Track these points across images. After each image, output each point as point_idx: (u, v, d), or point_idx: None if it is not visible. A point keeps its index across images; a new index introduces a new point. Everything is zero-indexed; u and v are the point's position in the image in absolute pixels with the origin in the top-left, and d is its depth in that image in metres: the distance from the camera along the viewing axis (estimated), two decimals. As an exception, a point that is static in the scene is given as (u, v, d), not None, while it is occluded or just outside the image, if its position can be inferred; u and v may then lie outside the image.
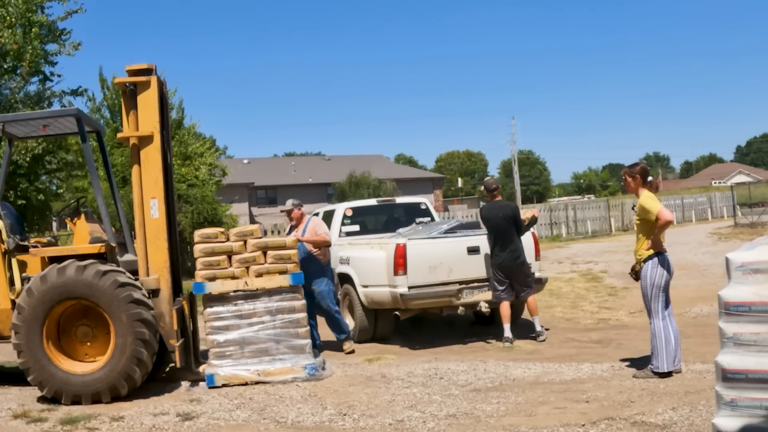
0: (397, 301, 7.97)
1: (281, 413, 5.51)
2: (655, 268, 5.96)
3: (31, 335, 6.13)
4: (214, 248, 6.68)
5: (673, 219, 6.08)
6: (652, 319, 6.03)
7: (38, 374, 6.15)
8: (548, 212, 29.55)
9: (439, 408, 5.40)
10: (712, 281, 11.56)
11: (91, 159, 7.04)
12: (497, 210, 8.10)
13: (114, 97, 22.14)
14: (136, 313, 6.11)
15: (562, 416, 5.00)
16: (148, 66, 6.50)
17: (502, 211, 8.09)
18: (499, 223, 7.99)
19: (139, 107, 6.50)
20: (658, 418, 4.77)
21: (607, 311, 10.09)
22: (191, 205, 19.69)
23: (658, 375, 5.91)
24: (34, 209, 14.81)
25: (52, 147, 14.63)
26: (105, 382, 6.11)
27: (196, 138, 24.67)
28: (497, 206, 8.18)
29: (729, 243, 17.67)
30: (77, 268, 6.15)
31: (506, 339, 7.95)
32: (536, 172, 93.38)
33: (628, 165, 6.26)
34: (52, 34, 14.83)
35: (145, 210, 6.48)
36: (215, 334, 6.62)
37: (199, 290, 6.66)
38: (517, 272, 8.03)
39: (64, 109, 10.71)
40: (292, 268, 6.74)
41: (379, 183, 39.22)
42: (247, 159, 53.12)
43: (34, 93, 14.70)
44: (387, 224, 10.09)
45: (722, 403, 3.58)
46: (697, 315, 9.18)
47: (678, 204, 32.76)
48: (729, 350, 3.58)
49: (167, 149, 6.86)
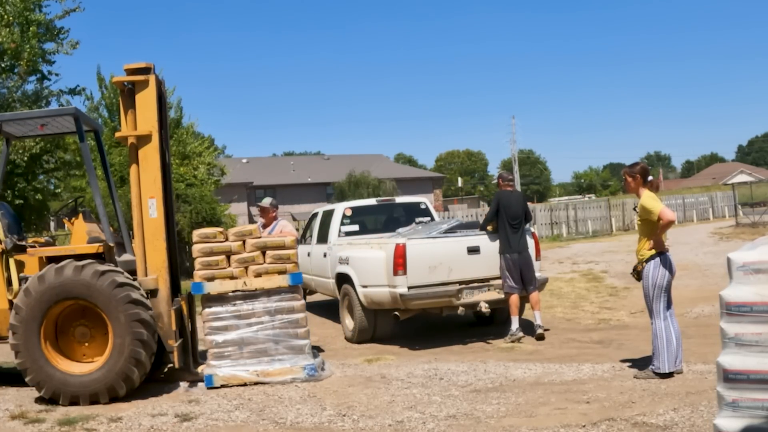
0: (396, 302, 7.94)
1: (280, 414, 5.50)
2: (657, 268, 5.95)
3: (28, 335, 6.10)
4: (213, 248, 6.66)
5: (675, 219, 6.06)
6: (654, 320, 6.02)
7: (36, 375, 6.12)
8: (549, 212, 29.52)
9: (438, 409, 5.39)
10: (713, 281, 11.55)
11: (89, 158, 7.01)
12: (514, 198, 8.31)
13: (112, 96, 22.04)
14: (135, 313, 6.08)
15: (562, 417, 4.99)
16: (146, 65, 6.48)
17: (517, 199, 8.34)
18: (517, 211, 8.16)
19: (138, 106, 6.48)
20: (660, 419, 4.76)
21: (608, 311, 10.07)
22: (190, 205, 19.62)
23: (659, 376, 5.90)
24: (32, 209, 14.78)
25: (49, 146, 14.62)
26: (103, 382, 6.08)
27: (194, 137, 24.59)
28: (513, 195, 8.38)
29: (730, 243, 17.66)
30: (75, 268, 6.12)
31: (514, 333, 7.98)
32: (537, 172, 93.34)
33: (628, 165, 6.25)
34: (50, 32, 14.80)
35: (143, 210, 6.45)
36: (214, 334, 6.60)
37: (198, 290, 6.63)
38: (526, 264, 8.14)
39: (62, 108, 10.62)
40: (291, 268, 6.71)
41: (379, 182, 39.23)
42: (246, 158, 53.17)
43: (31, 92, 14.67)
44: (386, 224, 10.09)
45: (724, 404, 3.57)
46: (699, 315, 9.16)
47: (679, 204, 32.69)
48: (730, 351, 3.58)
49: (166, 148, 6.84)
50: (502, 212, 8.18)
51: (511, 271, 8.07)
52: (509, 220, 8.13)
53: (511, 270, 8.07)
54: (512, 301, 8.10)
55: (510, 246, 8.09)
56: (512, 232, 8.10)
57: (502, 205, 8.21)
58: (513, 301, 8.10)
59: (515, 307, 8.09)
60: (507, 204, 8.19)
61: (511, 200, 8.22)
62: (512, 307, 8.11)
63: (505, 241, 8.11)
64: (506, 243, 8.10)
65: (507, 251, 8.10)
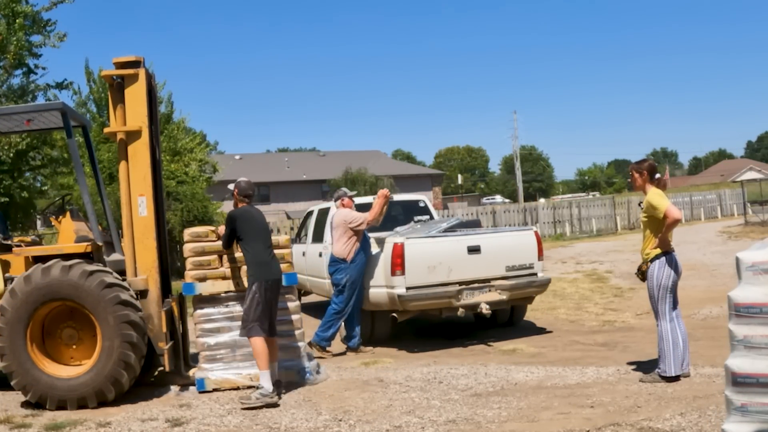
0: (394, 303, 7.85)
1: (274, 419, 5.45)
2: (663, 268, 5.88)
3: (14, 338, 6.02)
4: (205, 247, 6.58)
5: (681, 217, 5.96)
6: (660, 321, 5.95)
7: (22, 378, 6.04)
8: (551, 210, 29.42)
9: (438, 413, 5.34)
10: (721, 282, 11.49)
11: (77, 155, 6.92)
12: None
13: (101, 91, 21.79)
14: (124, 314, 6.00)
15: (565, 422, 4.95)
16: (136, 58, 6.41)
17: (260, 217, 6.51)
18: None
19: (127, 101, 6.40)
20: (666, 423, 4.71)
21: (613, 313, 10.00)
22: (181, 203, 19.53)
23: (665, 379, 5.84)
24: (18, 207, 14.76)
25: (36, 142, 14.57)
26: (91, 386, 6.01)
27: (185, 133, 24.38)
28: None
29: (739, 242, 17.67)
30: (62, 268, 6.04)
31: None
32: (539, 169, 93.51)
33: (635, 161, 6.20)
34: (37, 24, 14.70)
35: (132, 208, 6.39)
36: (206, 336, 6.52)
37: (189, 291, 6.56)
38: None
39: (49, 102, 10.52)
40: (285, 268, 6.63)
41: (376, 180, 39.00)
42: (239, 155, 53.13)
43: (17, 86, 14.68)
44: (384, 222, 9.93)
45: (732, 408, 3.54)
46: (706, 317, 9.07)
47: (686, 201, 32.51)
48: (739, 353, 3.54)
49: (156, 145, 6.76)
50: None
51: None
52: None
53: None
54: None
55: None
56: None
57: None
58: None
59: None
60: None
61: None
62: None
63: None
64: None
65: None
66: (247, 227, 6.18)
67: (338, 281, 7.98)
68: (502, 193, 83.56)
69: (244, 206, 6.35)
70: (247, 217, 6.23)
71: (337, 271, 8.00)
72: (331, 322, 7.94)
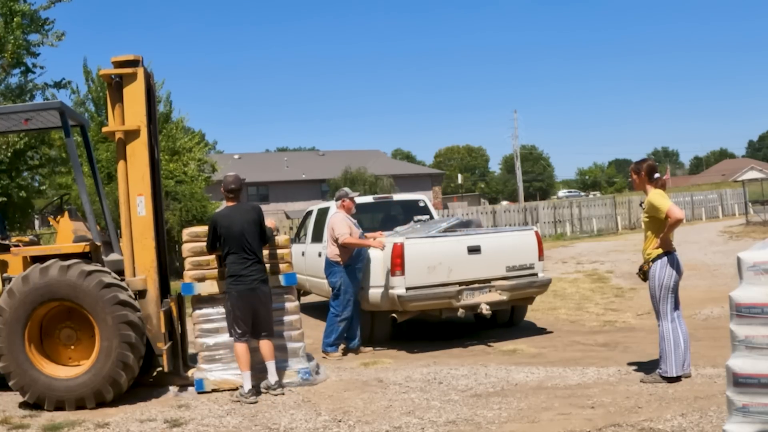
0: (394, 303, 7.82)
1: (273, 419, 5.44)
2: (664, 268, 5.87)
3: (12, 338, 6.00)
4: (204, 247, 6.53)
5: (683, 217, 5.95)
6: (661, 322, 5.94)
7: (20, 379, 6.02)
8: (552, 210, 29.39)
9: (438, 414, 5.33)
10: (723, 282, 11.49)
11: (75, 154, 6.91)
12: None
13: (99, 90, 21.77)
14: (122, 315, 5.98)
15: (566, 423, 4.94)
16: (134, 57, 6.40)
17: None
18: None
19: (125, 100, 6.39)
20: (667, 424, 4.70)
21: (614, 313, 9.98)
22: (179, 203, 19.52)
23: (666, 380, 5.82)
24: (16, 207, 14.73)
25: (34, 142, 14.55)
26: (89, 387, 5.99)
27: (184, 132, 24.33)
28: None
29: (740, 242, 17.67)
30: (60, 268, 6.03)
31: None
32: (539, 168, 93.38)
33: (635, 161, 6.19)
34: (35, 23, 14.67)
35: (131, 207, 6.38)
36: (204, 337, 6.51)
37: (188, 291, 6.54)
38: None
39: (47, 102, 10.46)
40: (284, 268, 6.63)
41: (376, 179, 38.96)
42: (238, 154, 53.04)
43: (15, 85, 14.66)
44: (384, 222, 10.03)
45: (733, 408, 3.53)
46: (708, 317, 9.07)
47: (687, 201, 32.50)
48: (741, 354, 3.54)
49: (154, 144, 6.75)
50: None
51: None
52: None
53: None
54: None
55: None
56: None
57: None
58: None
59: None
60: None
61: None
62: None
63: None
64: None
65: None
66: (225, 233, 6.24)
67: (333, 284, 7.97)
68: (502, 193, 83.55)
69: (227, 207, 6.42)
70: (225, 223, 6.27)
71: (331, 274, 7.99)
72: (332, 327, 7.93)
